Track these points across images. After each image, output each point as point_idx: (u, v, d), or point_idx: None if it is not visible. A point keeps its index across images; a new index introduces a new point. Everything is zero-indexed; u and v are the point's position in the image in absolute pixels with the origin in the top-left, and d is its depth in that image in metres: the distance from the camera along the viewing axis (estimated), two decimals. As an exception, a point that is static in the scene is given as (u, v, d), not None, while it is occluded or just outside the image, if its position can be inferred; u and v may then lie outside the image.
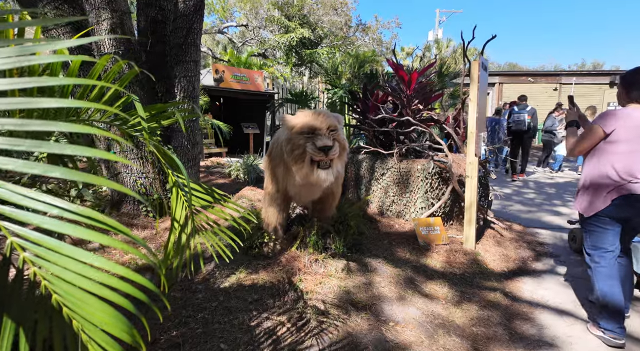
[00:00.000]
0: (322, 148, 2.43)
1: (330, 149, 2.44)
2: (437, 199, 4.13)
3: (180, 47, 3.92)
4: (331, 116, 2.61)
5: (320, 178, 2.50)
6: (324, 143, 2.43)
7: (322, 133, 2.49)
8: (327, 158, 2.48)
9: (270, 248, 3.07)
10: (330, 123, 2.53)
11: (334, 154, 2.47)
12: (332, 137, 2.51)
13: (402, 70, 4.25)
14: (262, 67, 16.96)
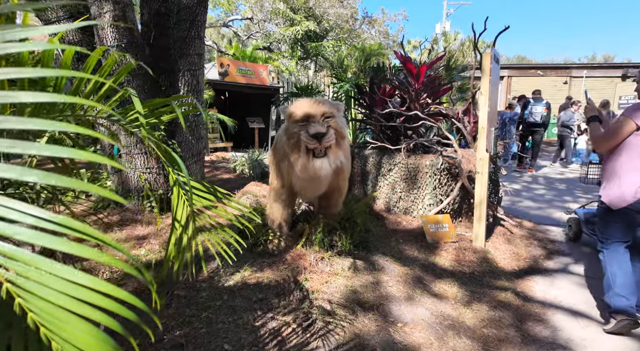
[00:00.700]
0: (315, 136, 2.36)
1: (324, 136, 2.37)
2: (445, 196, 4.03)
3: (184, 40, 3.85)
4: (327, 103, 2.54)
5: (316, 167, 2.44)
6: (316, 130, 2.35)
7: (315, 121, 2.42)
8: (320, 146, 2.41)
9: (275, 245, 3.01)
10: (324, 110, 2.46)
11: (328, 141, 2.40)
12: (326, 124, 2.43)
13: (411, 63, 4.14)
14: (267, 61, 16.84)
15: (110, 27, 3.37)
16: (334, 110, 2.51)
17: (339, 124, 2.50)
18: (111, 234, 3.52)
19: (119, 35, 3.42)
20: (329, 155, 2.46)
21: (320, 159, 2.44)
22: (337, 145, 2.50)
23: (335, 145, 2.49)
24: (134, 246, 3.24)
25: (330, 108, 2.50)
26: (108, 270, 2.78)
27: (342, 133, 2.51)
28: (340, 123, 2.53)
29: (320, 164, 2.43)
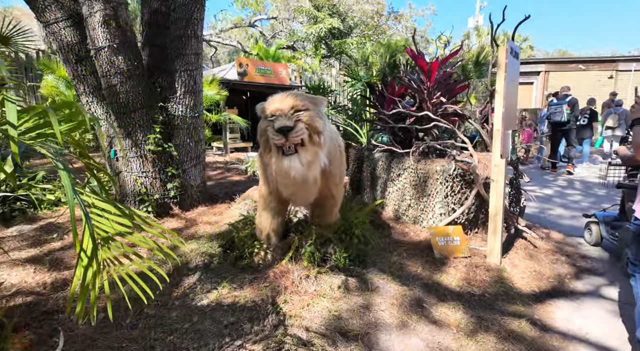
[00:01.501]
0: (280, 130, 2.11)
1: (291, 131, 2.11)
2: (459, 205, 3.66)
3: (180, 39, 3.70)
4: (301, 97, 2.29)
5: (284, 166, 2.20)
6: (281, 124, 2.11)
7: (282, 114, 2.17)
8: (288, 142, 2.15)
9: (261, 258, 2.79)
10: (293, 103, 2.21)
11: (296, 136, 2.14)
12: (295, 118, 2.18)
13: (422, 59, 3.78)
14: (291, 60, 16.71)
15: (101, 27, 3.27)
16: (306, 103, 2.25)
17: (313, 118, 2.22)
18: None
19: (110, 35, 3.32)
20: (300, 152, 2.20)
21: (289, 157, 2.18)
22: (311, 141, 2.24)
23: (309, 141, 2.22)
24: (123, 253, 3.12)
25: (302, 101, 2.24)
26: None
27: (316, 128, 2.23)
28: (316, 117, 2.25)
29: (288, 163, 2.18)
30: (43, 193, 4.81)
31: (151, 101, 3.67)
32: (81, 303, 1.33)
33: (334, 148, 2.71)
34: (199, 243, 3.10)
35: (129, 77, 3.47)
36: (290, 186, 2.64)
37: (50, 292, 2.52)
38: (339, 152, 2.80)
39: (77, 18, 3.68)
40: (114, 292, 2.49)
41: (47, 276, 2.75)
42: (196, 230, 3.55)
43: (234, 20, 22.43)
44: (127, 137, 3.65)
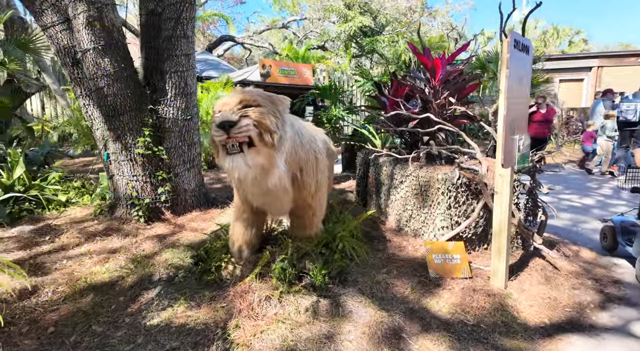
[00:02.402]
0: (221, 125, 1.89)
1: (233, 126, 1.88)
2: (464, 217, 3.26)
3: (170, 40, 3.61)
4: (254, 93, 2.07)
5: (226, 166, 1.99)
6: (222, 118, 1.89)
7: (227, 109, 1.96)
8: (230, 139, 1.93)
9: (229, 273, 2.60)
10: (242, 98, 1.99)
11: (239, 132, 1.91)
12: (241, 113, 1.95)
13: (423, 55, 3.41)
14: (320, 60, 16.52)
15: (85, 28, 3.24)
16: (259, 99, 2.03)
17: (264, 115, 1.98)
18: (88, 244, 3.42)
19: (95, 37, 3.29)
20: (247, 152, 1.97)
21: (231, 156, 1.96)
22: (262, 142, 2.00)
23: (260, 142, 1.99)
24: (102, 260, 3.07)
25: (254, 97, 2.02)
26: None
27: (266, 126, 1.98)
28: (269, 115, 2.01)
29: (230, 163, 1.96)
30: (54, 194, 4.96)
31: (141, 104, 3.61)
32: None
33: (306, 154, 2.46)
34: (173, 253, 2.97)
35: (116, 79, 3.43)
36: (258, 195, 2.44)
37: (15, 301, 2.48)
38: (314, 159, 2.55)
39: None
40: (70, 302, 2.40)
41: (20, 284, 2.72)
42: (179, 237, 3.44)
43: (268, 22, 22.68)
44: (117, 140, 3.61)
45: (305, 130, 2.56)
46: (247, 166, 1.94)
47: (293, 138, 2.28)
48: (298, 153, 2.36)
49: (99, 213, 4.13)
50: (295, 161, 2.36)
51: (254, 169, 1.97)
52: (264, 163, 2.01)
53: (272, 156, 2.04)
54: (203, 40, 25.11)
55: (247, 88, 2.14)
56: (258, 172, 2.02)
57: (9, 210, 4.27)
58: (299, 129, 2.42)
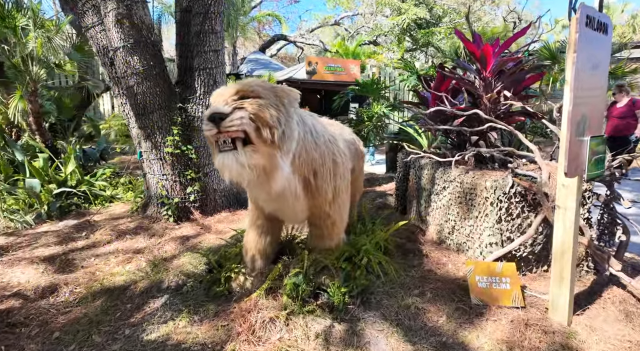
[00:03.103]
0: (211, 118, 1.65)
1: (225, 119, 1.63)
2: (518, 233, 2.75)
3: (198, 36, 3.51)
4: (254, 83, 1.81)
5: (217, 165, 1.75)
6: (213, 110, 1.65)
7: (221, 100, 1.73)
8: (221, 135, 1.68)
9: (239, 284, 2.39)
10: (240, 89, 1.75)
11: (230, 125, 1.64)
12: (236, 104, 1.70)
13: (470, 42, 2.93)
14: (371, 56, 16.00)
15: (115, 27, 3.23)
16: (260, 90, 1.76)
17: (262, 108, 1.71)
18: (117, 242, 3.45)
19: (124, 35, 3.27)
20: (241, 149, 1.71)
21: (223, 154, 1.71)
22: (260, 139, 1.73)
23: (257, 138, 1.72)
24: (125, 260, 3.05)
25: (254, 87, 1.76)
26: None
27: (265, 119, 1.71)
28: (269, 108, 1.74)
29: (221, 161, 1.71)
30: (102, 189, 5.18)
31: (170, 102, 3.56)
32: None
33: (322, 156, 2.16)
34: (190, 257, 2.85)
35: (145, 77, 3.40)
36: (267, 200, 2.21)
37: (36, 299, 2.50)
38: (331, 162, 2.24)
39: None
40: (82, 306, 2.35)
41: (47, 279, 2.77)
42: (202, 239, 3.33)
43: (320, 20, 22.55)
44: (147, 139, 3.60)
45: (321, 127, 2.27)
46: (240, 165, 1.68)
47: (303, 137, 2.00)
48: (310, 154, 2.07)
49: (135, 210, 4.19)
50: (307, 163, 2.07)
51: (249, 170, 1.71)
52: (263, 164, 1.75)
53: (273, 155, 1.77)
54: (258, 41, 25.69)
55: (249, 79, 1.90)
56: (256, 174, 1.76)
57: (59, 204, 4.51)
58: (312, 127, 2.13)
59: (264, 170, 1.78)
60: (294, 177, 2.01)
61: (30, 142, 5.84)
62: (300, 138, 1.97)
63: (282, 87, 1.90)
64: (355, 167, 2.95)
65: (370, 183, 6.04)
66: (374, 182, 6.13)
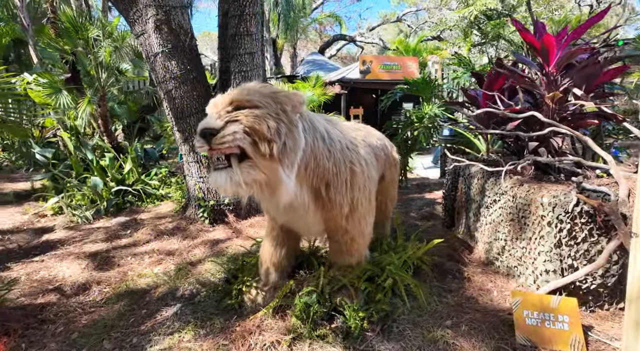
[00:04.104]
0: (201, 133, 1.52)
1: (216, 134, 1.49)
2: (583, 260, 2.27)
3: (234, 38, 3.48)
4: (252, 90, 1.64)
5: (212, 183, 1.61)
6: (204, 125, 1.52)
7: (214, 112, 1.60)
8: (212, 151, 1.55)
9: (251, 298, 2.26)
10: (234, 98, 1.59)
11: (221, 142, 1.49)
12: (229, 117, 1.54)
13: (528, 32, 2.47)
14: (434, 52, 15.11)
15: (154, 33, 3.32)
16: (256, 98, 1.59)
17: (259, 120, 1.54)
18: (155, 242, 3.55)
19: (162, 40, 3.34)
20: (236, 167, 1.55)
21: (217, 173, 1.57)
22: (258, 153, 1.55)
23: (255, 152, 1.55)
24: (156, 262, 3.12)
25: (250, 95, 1.59)
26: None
27: (261, 133, 1.53)
28: (267, 119, 1.56)
29: (215, 180, 1.58)
30: (155, 188, 5.47)
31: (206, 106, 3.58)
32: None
33: (336, 165, 1.94)
34: (214, 264, 2.80)
35: (183, 81, 3.45)
36: (279, 212, 2.05)
37: (70, 295, 2.63)
38: (348, 171, 2.00)
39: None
40: (106, 307, 2.41)
41: (85, 276, 2.92)
42: (230, 244, 3.29)
43: (381, 17, 22.02)
44: (185, 142, 3.67)
45: (337, 133, 2.03)
46: (235, 184, 1.54)
47: (312, 144, 1.80)
48: (321, 164, 1.86)
49: (177, 211, 4.33)
50: (317, 174, 1.87)
51: (246, 187, 1.57)
52: (263, 179, 1.59)
53: (274, 169, 1.60)
54: (319, 42, 25.89)
55: (248, 84, 1.74)
56: (257, 190, 1.61)
57: (115, 202, 4.84)
58: (324, 132, 1.91)
59: (267, 185, 1.63)
60: (301, 188, 1.83)
61: (99, 143, 6.40)
62: (309, 146, 1.78)
63: (285, 91, 1.72)
64: (385, 175, 2.68)
65: (420, 189, 5.63)
66: (424, 187, 5.70)
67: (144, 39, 3.86)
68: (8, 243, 3.85)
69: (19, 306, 2.44)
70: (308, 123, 1.82)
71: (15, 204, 5.33)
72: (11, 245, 3.78)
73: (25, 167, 7.43)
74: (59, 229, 4.16)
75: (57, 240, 3.78)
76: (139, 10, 3.75)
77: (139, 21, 3.82)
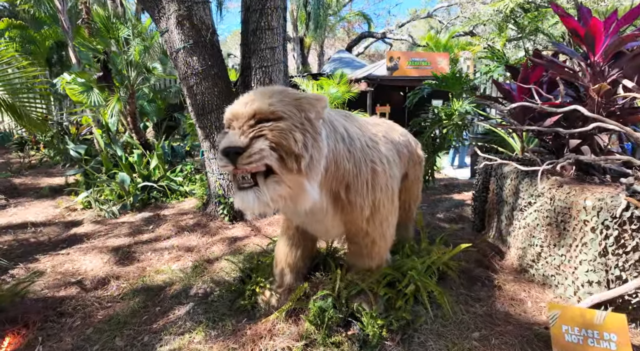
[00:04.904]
0: (224, 152, 1.39)
1: (242, 153, 1.37)
2: (634, 271, 2.02)
3: (255, 33, 3.41)
4: (275, 96, 1.50)
5: (239, 204, 1.49)
6: (227, 143, 1.39)
7: (236, 126, 1.46)
8: (238, 171, 1.42)
9: (264, 300, 2.17)
10: (257, 109, 1.45)
11: (248, 162, 1.37)
12: (254, 132, 1.42)
13: (571, 18, 2.23)
14: (466, 47, 14.55)
15: (176, 28, 3.31)
16: (280, 108, 1.45)
17: (286, 134, 1.42)
18: (175, 238, 3.55)
19: (184, 36, 3.32)
20: (263, 185, 1.44)
21: (243, 193, 1.46)
22: (285, 168, 1.44)
23: (282, 167, 1.44)
24: (175, 258, 3.11)
25: (273, 105, 1.45)
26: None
27: (289, 148, 1.42)
28: (293, 132, 1.43)
29: (242, 200, 1.46)
30: (180, 185, 5.53)
31: (228, 102, 3.53)
32: None
33: (356, 166, 1.81)
34: (229, 263, 2.74)
35: (204, 77, 3.42)
36: (296, 215, 1.95)
37: (90, 289, 2.65)
38: (369, 172, 1.87)
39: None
40: (122, 302, 2.40)
41: (105, 270, 2.94)
42: (248, 243, 3.23)
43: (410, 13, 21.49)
44: (206, 139, 3.64)
45: (356, 130, 1.90)
46: (263, 204, 1.44)
47: (334, 148, 1.68)
48: (341, 166, 1.74)
49: (199, 207, 4.33)
50: (337, 177, 1.75)
51: (274, 204, 1.47)
52: (288, 193, 1.49)
53: (300, 182, 1.49)
54: (347, 40, 25.65)
55: (268, 89, 1.59)
56: (280, 204, 1.51)
57: (140, 197, 4.92)
58: (344, 132, 1.79)
59: (290, 197, 1.52)
60: (320, 192, 1.71)
61: (128, 140, 6.57)
62: (331, 151, 1.66)
63: (307, 96, 1.57)
64: (409, 174, 2.51)
65: (448, 189, 5.37)
66: (452, 188, 5.44)
67: (168, 35, 3.87)
68: (40, 235, 3.98)
69: (40, 298, 2.48)
70: (329, 126, 1.70)
71: (50, 198, 5.54)
72: (42, 237, 3.90)
73: (62, 163, 7.79)
74: (87, 223, 4.27)
75: (84, 233, 3.87)
76: (163, 7, 3.77)
77: (163, 18, 3.83)
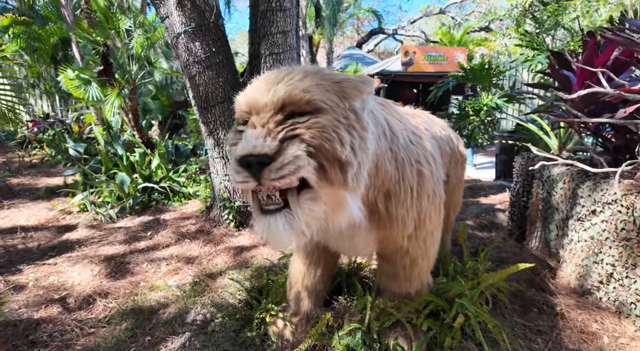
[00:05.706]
0: (243, 162, 0.96)
1: (268, 164, 0.95)
2: None
3: (265, 15, 3.00)
4: (308, 77, 1.05)
5: (264, 231, 1.04)
6: (247, 149, 0.96)
7: (257, 122, 1.02)
8: (263, 187, 1.00)
9: (276, 331, 1.76)
10: (286, 96, 1.01)
11: (280, 178, 0.96)
12: (285, 132, 1.00)
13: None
14: (482, 43, 14.05)
15: (176, 10, 2.92)
16: (316, 94, 1.02)
17: (328, 133, 1.00)
18: (175, 246, 3.17)
19: (185, 18, 2.94)
20: (295, 206, 1.03)
21: (269, 218, 1.03)
22: (326, 181, 1.03)
23: (322, 181, 1.03)
24: (173, 271, 2.72)
25: (306, 92, 1.01)
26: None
27: (335, 155, 1.01)
28: (337, 130, 1.02)
29: (267, 228, 1.03)
30: (183, 186, 5.16)
31: (234, 94, 3.14)
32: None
33: (400, 168, 1.37)
34: (234, 279, 2.33)
35: (208, 66, 3.03)
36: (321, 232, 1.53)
37: (72, 309, 2.28)
38: (415, 175, 1.43)
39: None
40: (107, 327, 2.01)
41: (93, 285, 2.57)
42: (256, 254, 2.83)
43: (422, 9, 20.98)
44: (210, 135, 3.26)
45: (397, 122, 1.46)
46: (297, 233, 1.03)
47: (376, 148, 1.24)
48: (382, 169, 1.30)
49: (202, 211, 3.95)
50: (375, 183, 1.31)
51: (309, 230, 1.06)
52: (325, 213, 1.08)
53: (340, 197, 1.09)
54: (356, 38, 25.21)
55: (299, 67, 1.12)
56: (314, 228, 1.09)
57: (140, 199, 4.56)
58: (385, 125, 1.34)
59: (325, 217, 1.10)
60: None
61: (129, 138, 6.22)
62: (374, 152, 1.23)
63: (350, 79, 1.11)
64: (450, 176, 2.08)
65: (473, 192, 4.92)
66: (477, 191, 4.99)
67: (168, 21, 3.49)
68: (29, 240, 3.64)
69: (11, 322, 2.11)
70: (373, 119, 1.25)
71: (45, 199, 5.21)
72: (31, 243, 3.56)
73: (63, 162, 7.49)
74: (81, 228, 3.91)
75: (76, 240, 3.51)
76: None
77: (165, 2, 3.46)
